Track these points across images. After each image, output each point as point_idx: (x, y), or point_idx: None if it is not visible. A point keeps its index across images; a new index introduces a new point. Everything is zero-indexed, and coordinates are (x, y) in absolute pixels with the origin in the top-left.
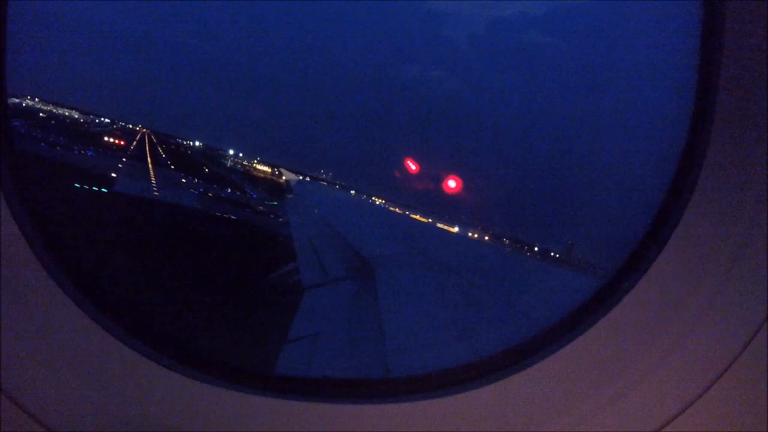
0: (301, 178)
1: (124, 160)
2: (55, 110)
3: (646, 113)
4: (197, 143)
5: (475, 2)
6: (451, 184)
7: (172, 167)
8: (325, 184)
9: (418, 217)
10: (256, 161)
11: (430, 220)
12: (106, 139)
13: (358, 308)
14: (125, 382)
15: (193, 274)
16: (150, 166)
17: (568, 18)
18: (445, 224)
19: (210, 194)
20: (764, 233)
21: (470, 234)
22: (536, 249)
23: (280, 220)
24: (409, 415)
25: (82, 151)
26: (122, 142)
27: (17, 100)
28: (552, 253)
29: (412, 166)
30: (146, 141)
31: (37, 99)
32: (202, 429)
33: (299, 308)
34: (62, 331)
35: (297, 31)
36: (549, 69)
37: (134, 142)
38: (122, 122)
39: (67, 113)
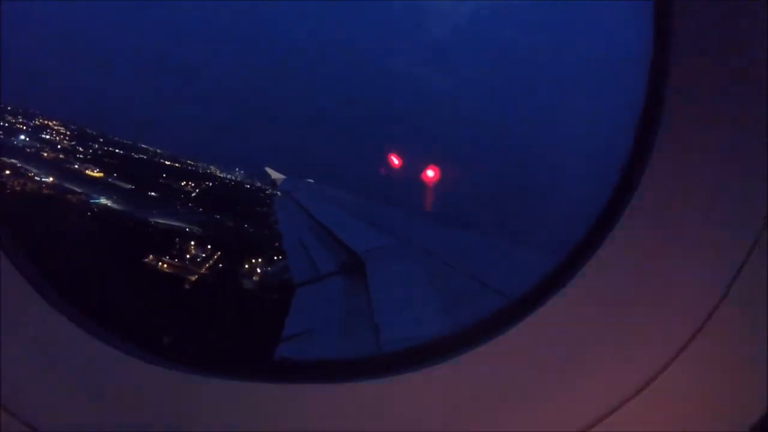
0: (285, 177)
1: None
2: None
3: (608, 100)
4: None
5: None
6: (430, 173)
7: None
8: (311, 181)
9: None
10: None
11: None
12: None
13: (350, 302)
14: (120, 387)
15: None
16: None
17: (548, 14)
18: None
19: None
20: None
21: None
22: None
23: None
24: (395, 388)
25: None
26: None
27: None
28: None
29: (396, 161)
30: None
31: None
32: (202, 422)
33: (291, 306)
34: (53, 340)
35: (277, 27)
36: (523, 63)
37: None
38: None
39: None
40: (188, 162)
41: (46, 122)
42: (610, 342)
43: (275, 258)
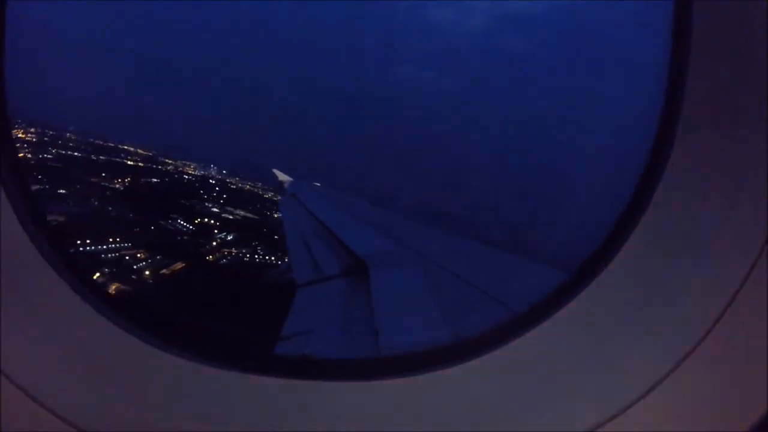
0: (291, 179)
1: None
2: None
3: (622, 110)
4: None
5: (465, 5)
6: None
7: None
8: (319, 185)
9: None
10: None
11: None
12: None
13: (351, 306)
14: (127, 368)
15: None
16: None
17: (554, 21)
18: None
19: None
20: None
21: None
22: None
23: None
24: (393, 391)
25: None
26: None
27: None
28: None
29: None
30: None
31: None
32: (201, 408)
33: (292, 306)
34: (62, 319)
35: (286, 32)
36: (533, 70)
37: None
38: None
39: None
40: (165, 161)
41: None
42: (616, 347)
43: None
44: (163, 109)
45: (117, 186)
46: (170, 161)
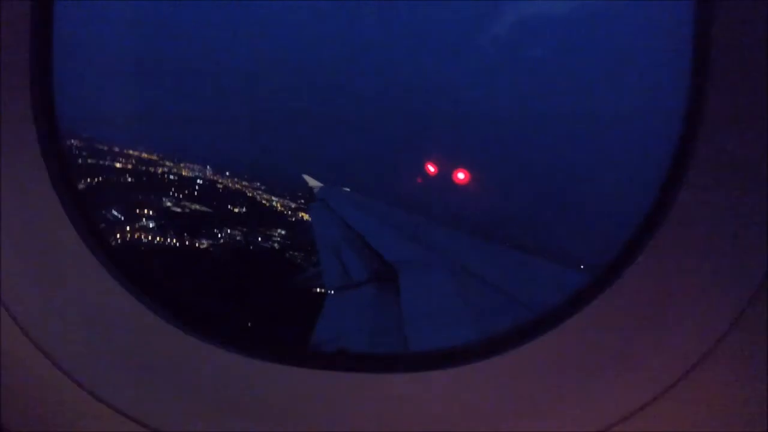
0: (321, 185)
1: None
2: None
3: (643, 113)
4: None
5: (494, 6)
6: (460, 176)
7: None
8: (348, 189)
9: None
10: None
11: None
12: None
13: (380, 312)
14: (142, 341)
15: None
16: None
17: (582, 23)
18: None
19: None
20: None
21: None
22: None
23: None
24: (420, 383)
25: None
26: None
27: None
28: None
29: (432, 168)
30: None
31: None
32: (230, 397)
33: (322, 311)
34: (86, 291)
35: (313, 35)
36: (559, 72)
37: None
38: None
39: None
40: (165, 163)
41: None
42: (634, 349)
43: None
44: (190, 117)
45: (80, 186)
46: (169, 163)
